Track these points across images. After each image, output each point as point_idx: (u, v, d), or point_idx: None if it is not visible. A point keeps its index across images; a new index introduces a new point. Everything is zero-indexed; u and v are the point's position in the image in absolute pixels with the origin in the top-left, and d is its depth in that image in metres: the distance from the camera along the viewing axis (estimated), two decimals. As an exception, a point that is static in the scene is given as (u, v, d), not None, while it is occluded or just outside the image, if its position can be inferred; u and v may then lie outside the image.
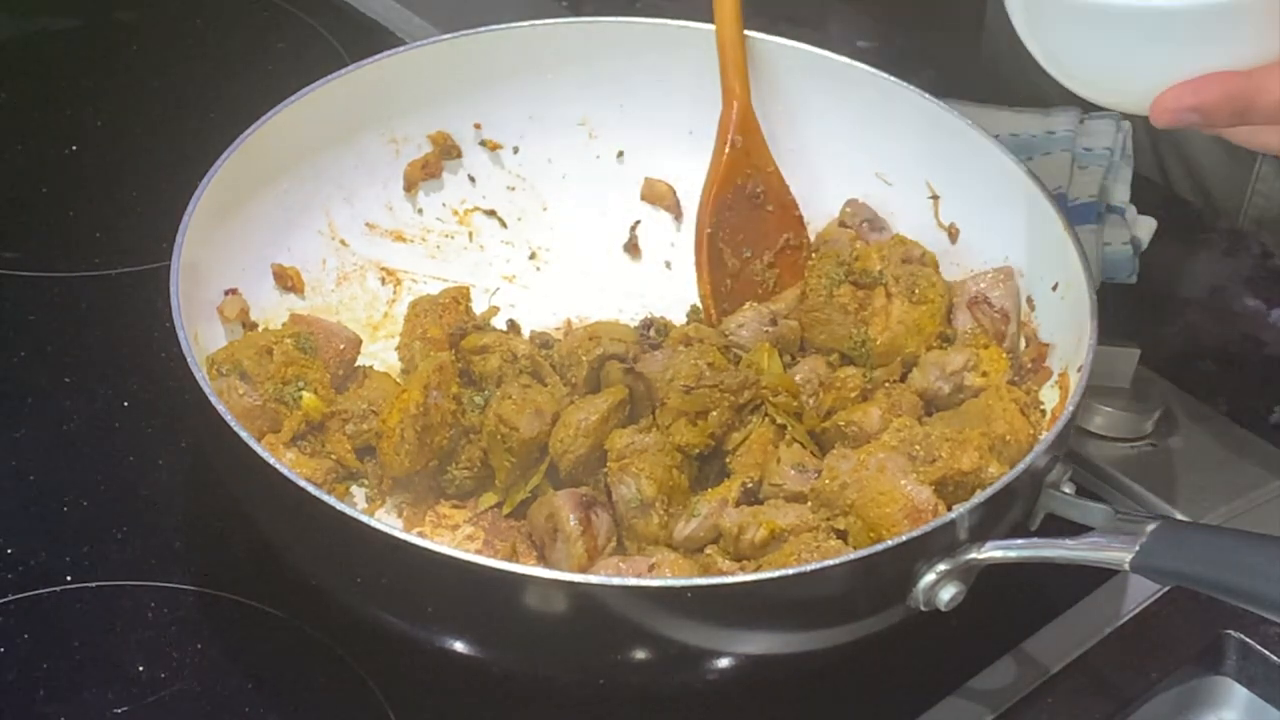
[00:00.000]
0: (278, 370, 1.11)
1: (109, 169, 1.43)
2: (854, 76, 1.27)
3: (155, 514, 1.17)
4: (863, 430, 1.12)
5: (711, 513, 1.08)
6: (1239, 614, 1.10)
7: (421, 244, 1.30)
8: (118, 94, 1.51)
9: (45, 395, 1.24)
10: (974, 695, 1.07)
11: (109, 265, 1.33)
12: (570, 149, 1.33)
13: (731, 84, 1.26)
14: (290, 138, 1.22)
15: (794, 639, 1.02)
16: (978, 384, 1.15)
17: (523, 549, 1.11)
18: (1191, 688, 1.11)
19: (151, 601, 1.11)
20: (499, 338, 1.19)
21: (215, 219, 1.15)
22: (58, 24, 1.59)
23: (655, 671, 1.01)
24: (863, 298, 1.18)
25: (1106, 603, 1.13)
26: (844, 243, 1.24)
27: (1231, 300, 1.36)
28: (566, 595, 0.97)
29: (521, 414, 1.12)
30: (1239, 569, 0.96)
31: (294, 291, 1.23)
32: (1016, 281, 1.19)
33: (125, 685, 1.06)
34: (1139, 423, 1.23)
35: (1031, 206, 1.18)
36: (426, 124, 1.29)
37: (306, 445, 1.12)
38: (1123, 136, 1.41)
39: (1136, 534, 0.98)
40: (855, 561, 0.98)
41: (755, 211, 1.26)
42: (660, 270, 1.32)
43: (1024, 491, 1.03)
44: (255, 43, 1.56)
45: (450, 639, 1.02)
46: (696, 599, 0.96)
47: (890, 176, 1.28)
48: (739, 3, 1.26)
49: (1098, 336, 1.09)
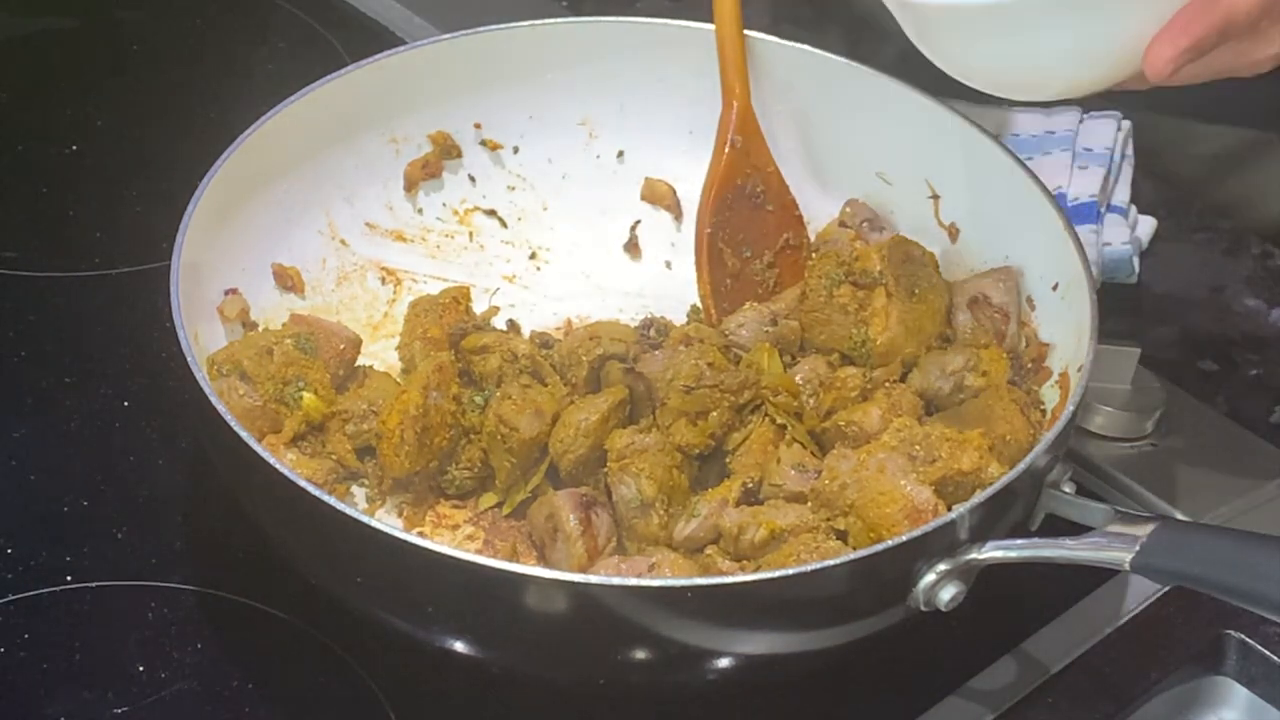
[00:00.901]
0: (278, 371, 1.11)
1: (109, 169, 1.43)
2: (854, 76, 1.27)
3: (155, 514, 1.16)
4: (863, 430, 1.12)
5: (711, 513, 1.08)
6: (1239, 614, 1.10)
7: (421, 244, 1.30)
8: (118, 94, 1.50)
9: (45, 395, 1.24)
10: (974, 695, 1.07)
11: (109, 265, 1.33)
12: (570, 149, 1.33)
13: (731, 84, 1.26)
14: (290, 138, 1.22)
15: (794, 639, 1.02)
16: (978, 384, 1.15)
17: (523, 549, 1.11)
18: (1191, 688, 1.11)
19: (151, 601, 1.11)
20: (499, 338, 1.19)
21: (215, 219, 1.15)
22: (58, 24, 1.59)
23: (655, 671, 1.01)
24: (863, 298, 1.18)
25: (1106, 603, 1.13)
26: (844, 243, 1.24)
27: (1231, 300, 1.36)
28: (566, 595, 0.97)
29: (521, 414, 1.12)
30: (1239, 569, 0.96)
31: (294, 291, 1.23)
32: (1016, 281, 1.19)
33: (125, 685, 1.06)
34: (1139, 423, 1.23)
35: (1031, 206, 1.18)
36: (426, 124, 1.29)
37: (307, 446, 1.12)
38: (1123, 136, 1.41)
39: (1136, 534, 0.98)
40: (855, 561, 0.98)
41: (755, 211, 1.26)
42: (660, 270, 1.32)
43: (1024, 491, 1.03)
44: (255, 43, 1.56)
45: (450, 639, 1.02)
46: (696, 599, 0.96)
47: (890, 176, 1.28)
48: (738, 2, 1.26)
49: (1098, 336, 1.09)
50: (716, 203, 1.25)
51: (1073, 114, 1.41)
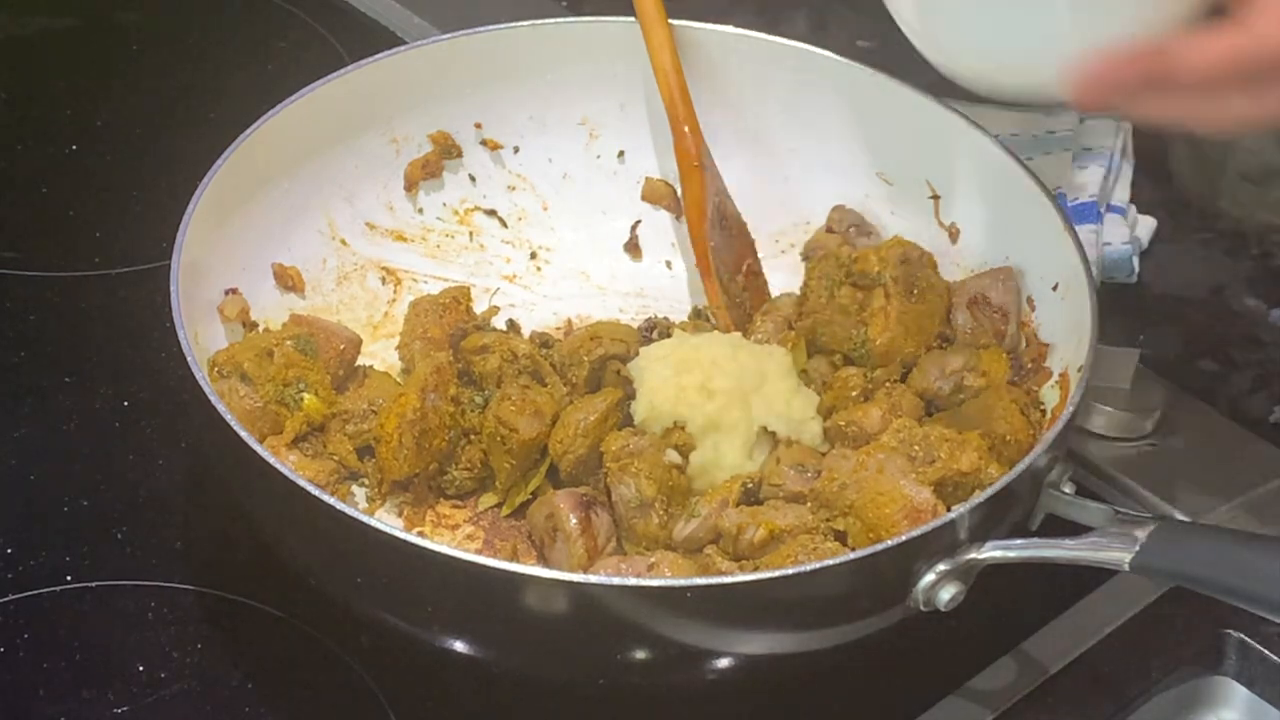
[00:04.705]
0: (278, 372, 1.11)
1: (109, 169, 1.43)
2: (854, 76, 1.27)
3: (155, 514, 1.17)
4: (863, 430, 1.12)
5: (711, 513, 1.08)
6: (1239, 614, 1.10)
7: (422, 244, 1.30)
8: (118, 94, 1.51)
9: (45, 395, 1.24)
10: (974, 695, 1.07)
11: (109, 265, 1.33)
12: (571, 149, 1.33)
13: (678, 113, 1.26)
14: (290, 138, 1.22)
15: (794, 639, 1.02)
16: (978, 384, 1.15)
17: (523, 549, 1.11)
18: (1191, 688, 1.11)
19: (151, 601, 1.11)
20: (499, 338, 1.19)
21: (215, 219, 1.15)
22: (58, 24, 1.59)
23: (655, 671, 1.01)
24: (863, 298, 1.18)
25: (1106, 603, 1.13)
26: (831, 248, 1.24)
27: (1231, 300, 1.36)
28: (566, 595, 0.97)
29: (521, 415, 1.12)
30: (1239, 569, 0.96)
31: (294, 291, 1.23)
32: (1016, 281, 1.19)
33: (125, 685, 1.06)
34: (1139, 423, 1.23)
35: (1031, 206, 1.18)
36: (427, 124, 1.29)
37: (308, 447, 1.12)
38: (1123, 136, 1.41)
39: (1136, 534, 0.98)
40: (855, 562, 0.98)
41: (723, 235, 1.26)
42: (661, 270, 1.32)
43: (1024, 491, 1.03)
44: (255, 43, 1.56)
45: (450, 639, 1.02)
46: (696, 599, 0.96)
47: (890, 176, 1.28)
48: (671, 33, 1.26)
49: (1098, 336, 1.09)
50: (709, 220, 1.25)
51: (1073, 114, 1.41)
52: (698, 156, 1.25)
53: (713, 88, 1.28)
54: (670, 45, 1.26)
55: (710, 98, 1.28)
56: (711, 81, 1.28)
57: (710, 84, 1.28)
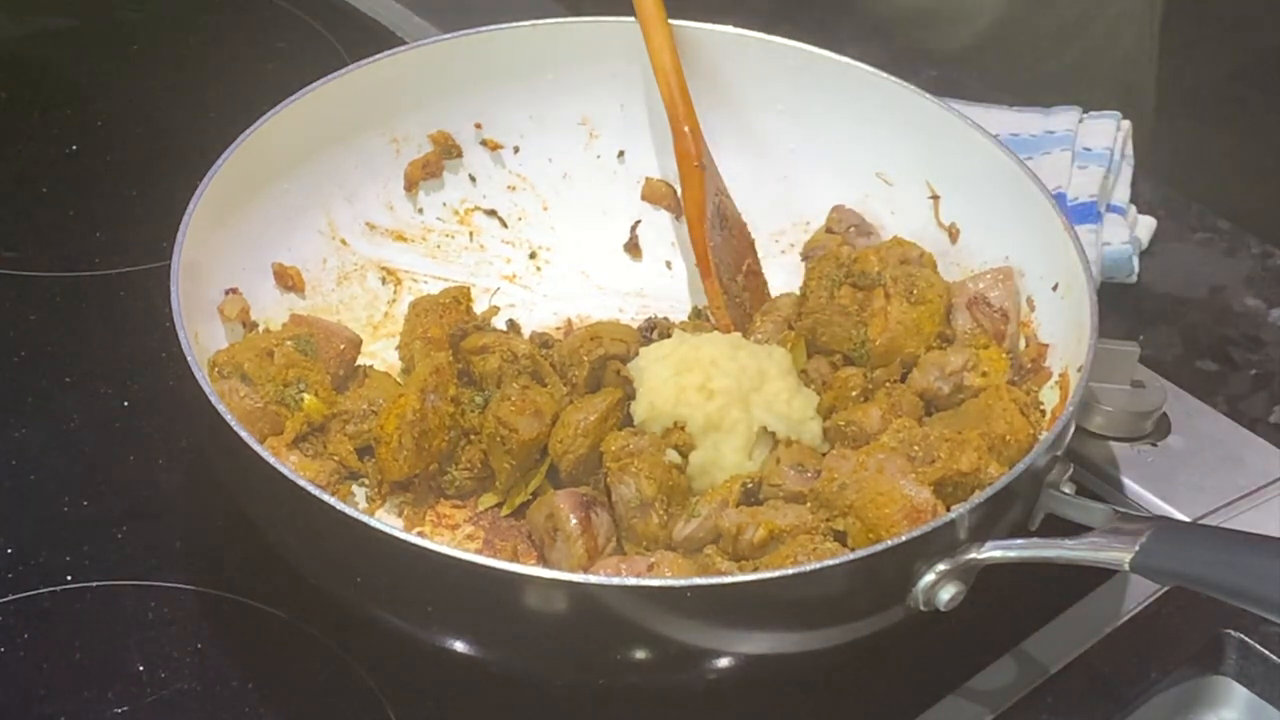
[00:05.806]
0: (278, 373, 1.11)
1: (109, 169, 1.43)
2: (854, 76, 1.27)
3: (155, 514, 1.17)
4: (863, 430, 1.12)
5: (711, 513, 1.08)
6: (1239, 614, 1.10)
7: (422, 243, 1.30)
8: (118, 94, 1.51)
9: (45, 395, 1.24)
10: (974, 695, 1.07)
11: (109, 265, 1.33)
12: (571, 149, 1.33)
13: (679, 112, 1.26)
14: (290, 138, 1.22)
15: (794, 639, 1.02)
16: (977, 384, 1.15)
17: (523, 549, 1.11)
18: (1191, 688, 1.11)
19: (151, 601, 1.11)
20: (499, 338, 1.19)
21: (215, 219, 1.15)
22: (58, 24, 1.59)
23: (655, 671, 1.01)
24: (862, 299, 1.18)
25: (1106, 603, 1.13)
26: (831, 249, 1.24)
27: (1231, 300, 1.36)
28: (566, 595, 0.97)
29: (521, 415, 1.12)
30: (1239, 569, 0.96)
31: (294, 291, 1.23)
32: (1016, 281, 1.19)
33: (125, 685, 1.06)
34: (1139, 423, 1.23)
35: (1031, 206, 1.18)
36: (427, 124, 1.29)
37: (309, 447, 1.12)
38: (1123, 136, 1.41)
39: (1136, 534, 0.98)
40: (855, 562, 0.98)
41: (723, 235, 1.26)
42: (660, 270, 1.32)
43: (1024, 491, 1.03)
44: (255, 43, 1.56)
45: (450, 639, 1.02)
46: (696, 599, 0.96)
47: (890, 176, 1.28)
48: (670, 34, 1.26)
49: (1098, 336, 1.09)
50: (709, 220, 1.25)
51: (1073, 114, 1.41)
52: (698, 156, 1.26)
53: (713, 88, 1.28)
54: (670, 45, 1.26)
55: (710, 98, 1.28)
56: (711, 81, 1.28)
57: (710, 84, 1.28)
